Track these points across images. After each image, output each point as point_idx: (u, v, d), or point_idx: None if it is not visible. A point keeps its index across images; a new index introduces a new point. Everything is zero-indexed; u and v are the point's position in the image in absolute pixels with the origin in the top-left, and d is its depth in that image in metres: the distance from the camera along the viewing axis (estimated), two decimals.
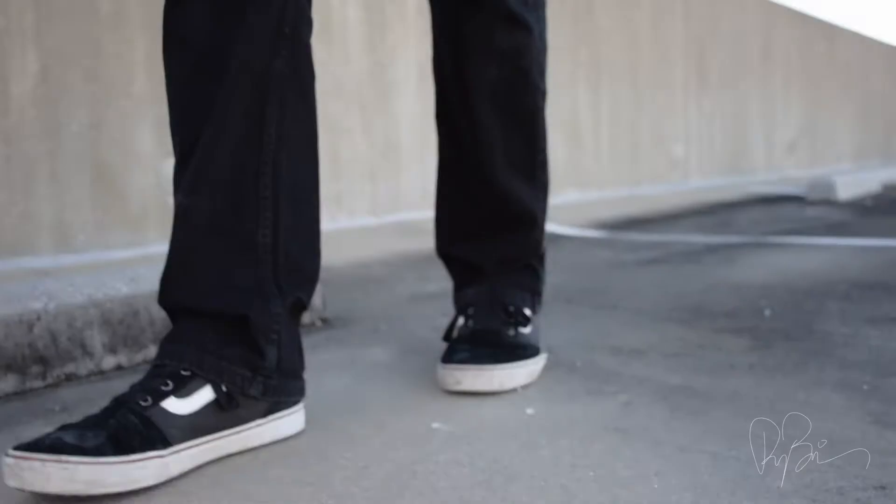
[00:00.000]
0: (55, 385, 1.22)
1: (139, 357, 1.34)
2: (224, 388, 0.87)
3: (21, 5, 2.03)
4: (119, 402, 0.82)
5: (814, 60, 7.86)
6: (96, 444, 0.75)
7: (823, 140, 8.25)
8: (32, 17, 2.04)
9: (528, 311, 1.25)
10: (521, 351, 1.18)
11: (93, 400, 1.08)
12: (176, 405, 0.83)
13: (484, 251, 1.28)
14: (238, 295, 0.91)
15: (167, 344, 0.90)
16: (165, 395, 0.83)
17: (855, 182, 5.28)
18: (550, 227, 1.49)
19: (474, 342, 1.18)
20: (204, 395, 0.85)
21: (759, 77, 6.82)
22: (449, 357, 1.14)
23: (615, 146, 4.95)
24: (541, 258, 1.33)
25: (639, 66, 5.18)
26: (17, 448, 0.73)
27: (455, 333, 1.23)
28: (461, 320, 1.25)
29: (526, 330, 1.23)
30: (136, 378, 0.93)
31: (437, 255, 1.35)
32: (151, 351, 1.34)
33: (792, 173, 7.23)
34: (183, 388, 0.84)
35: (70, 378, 1.24)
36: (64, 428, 0.78)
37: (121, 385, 1.01)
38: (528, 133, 1.28)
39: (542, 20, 1.27)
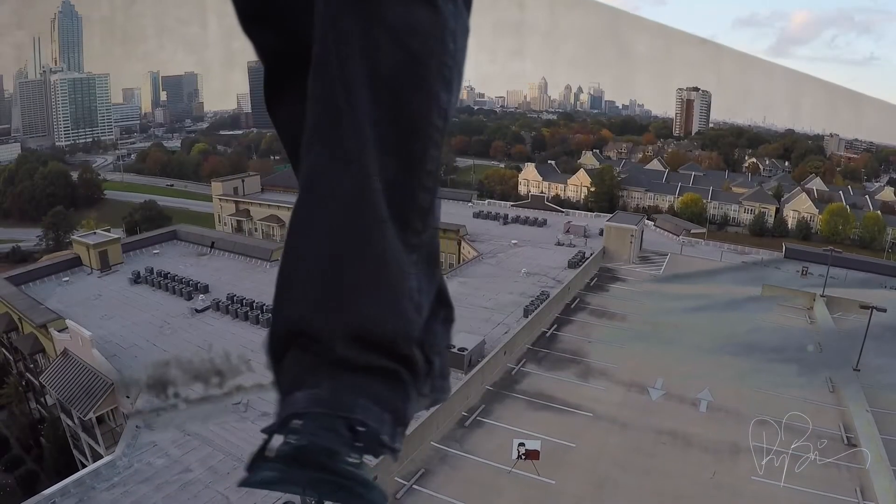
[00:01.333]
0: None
1: None
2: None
3: None
4: None
5: None
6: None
7: None
8: None
9: (385, 438, 0.93)
10: (359, 488, 0.88)
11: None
12: None
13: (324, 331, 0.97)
14: (409, 331, 1.07)
15: None
16: None
17: None
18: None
19: (290, 467, 0.87)
20: None
21: None
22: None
23: None
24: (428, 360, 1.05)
25: None
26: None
27: (269, 453, 0.90)
28: (279, 440, 0.90)
29: (373, 461, 0.94)
30: None
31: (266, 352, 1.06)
32: None
33: None
34: None
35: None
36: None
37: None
38: (412, 151, 0.91)
39: (460, 6, 0.95)
